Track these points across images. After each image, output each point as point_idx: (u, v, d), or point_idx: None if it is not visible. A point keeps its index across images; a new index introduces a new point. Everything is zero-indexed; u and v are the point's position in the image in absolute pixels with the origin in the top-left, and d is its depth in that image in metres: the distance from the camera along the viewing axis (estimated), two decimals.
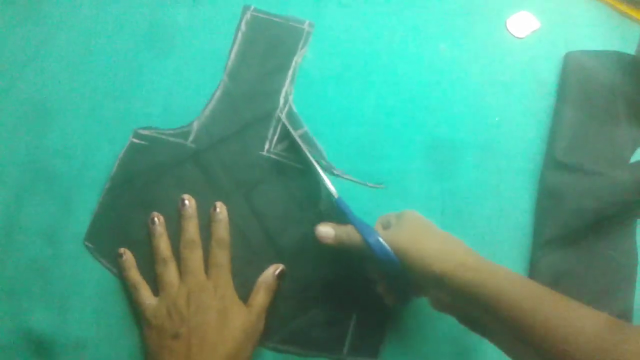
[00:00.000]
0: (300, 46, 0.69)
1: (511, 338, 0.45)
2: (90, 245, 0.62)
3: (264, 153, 0.66)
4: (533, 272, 0.63)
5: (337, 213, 0.58)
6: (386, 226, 0.55)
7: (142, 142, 0.65)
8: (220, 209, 0.62)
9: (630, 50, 0.70)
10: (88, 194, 0.63)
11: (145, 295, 0.59)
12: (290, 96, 0.68)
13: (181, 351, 0.54)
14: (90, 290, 0.61)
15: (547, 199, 0.65)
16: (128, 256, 0.61)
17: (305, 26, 0.70)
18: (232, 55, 0.69)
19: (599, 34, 0.72)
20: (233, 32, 0.70)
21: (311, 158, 0.62)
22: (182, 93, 0.68)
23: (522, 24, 0.72)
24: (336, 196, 0.59)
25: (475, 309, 0.47)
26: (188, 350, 0.54)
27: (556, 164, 0.65)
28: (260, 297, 0.59)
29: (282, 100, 0.67)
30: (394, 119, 0.68)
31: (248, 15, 0.70)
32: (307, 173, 0.65)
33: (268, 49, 0.69)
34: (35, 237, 0.62)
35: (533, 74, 0.70)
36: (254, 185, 0.65)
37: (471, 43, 0.71)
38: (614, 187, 0.63)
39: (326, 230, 0.56)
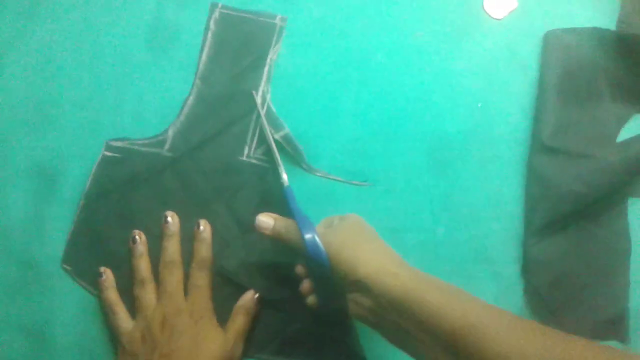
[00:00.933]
0: (273, 42, 0.67)
1: (436, 350, 0.44)
2: (68, 267, 0.60)
3: (244, 158, 0.63)
4: (526, 260, 0.62)
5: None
6: (327, 227, 0.54)
7: (115, 155, 0.62)
8: (204, 227, 0.60)
9: (611, 25, 0.68)
10: (62, 213, 0.61)
11: (122, 318, 0.57)
12: (268, 95, 0.65)
13: None
14: (71, 315, 0.59)
15: (536, 185, 0.63)
16: (108, 276, 0.59)
17: (277, 21, 0.67)
18: (203, 57, 0.66)
19: (579, 11, 0.70)
20: (202, 31, 0.67)
21: (273, 146, 0.62)
22: (152, 99, 0.65)
23: (500, 4, 0.70)
24: (286, 184, 0.59)
25: (397, 315, 0.46)
26: None
27: (543, 149, 0.63)
28: (238, 322, 0.58)
29: (259, 101, 0.64)
30: (375, 112, 0.66)
31: (216, 14, 0.67)
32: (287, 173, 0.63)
33: (240, 48, 0.66)
34: (10, 261, 0.60)
35: (513, 56, 0.68)
36: (235, 192, 0.62)
37: (448, 27, 0.69)
38: (603, 169, 0.62)
39: (265, 221, 0.55)
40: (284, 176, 0.60)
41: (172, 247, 0.60)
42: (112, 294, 0.59)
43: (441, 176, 0.64)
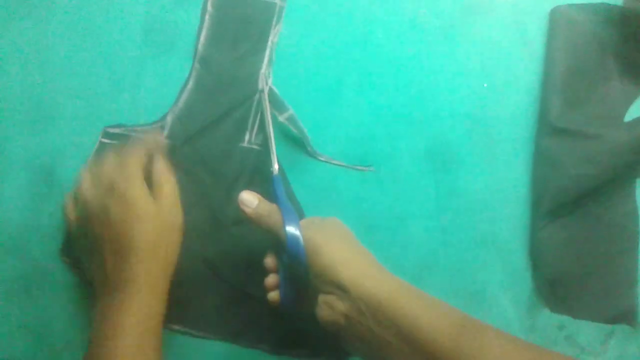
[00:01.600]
0: (274, 23, 0.64)
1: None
2: (67, 259, 0.58)
3: (245, 144, 0.62)
4: (534, 244, 0.61)
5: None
6: (310, 224, 0.53)
7: (113, 142, 0.61)
8: None
9: (618, 1, 0.66)
10: (59, 204, 0.59)
11: (68, 212, 0.55)
12: (270, 79, 0.63)
13: (99, 265, 0.50)
14: (71, 311, 0.58)
15: (544, 167, 0.62)
16: None
17: (277, 0, 0.65)
18: (202, 40, 0.63)
19: None
20: (199, 13, 0.64)
21: (271, 131, 0.60)
22: (149, 85, 0.63)
23: None
24: (275, 172, 0.58)
25: (374, 321, 0.45)
26: (103, 263, 0.50)
27: (551, 130, 0.62)
28: (166, 188, 0.53)
29: (261, 84, 0.62)
30: (378, 95, 0.64)
31: None
32: (289, 159, 0.62)
33: (239, 30, 0.64)
34: (8, 257, 0.58)
35: (519, 33, 0.67)
36: (236, 179, 0.61)
37: (452, 5, 0.67)
38: (612, 150, 0.61)
39: (249, 199, 0.53)
40: (275, 165, 0.59)
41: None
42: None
43: (447, 160, 0.63)
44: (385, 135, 0.63)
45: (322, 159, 0.62)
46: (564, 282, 0.60)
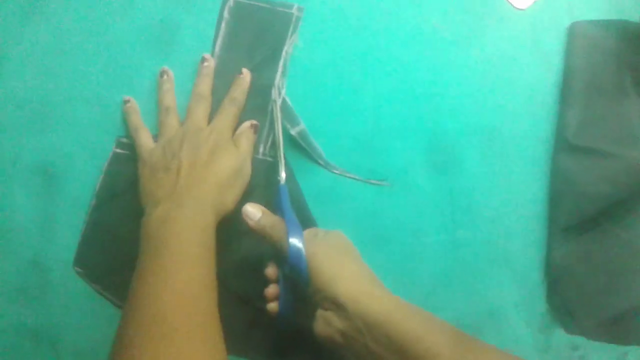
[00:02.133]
0: (289, 33, 0.63)
1: None
2: (80, 270, 0.58)
3: (259, 156, 0.61)
4: (549, 262, 0.61)
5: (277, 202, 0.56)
6: (312, 237, 0.53)
7: (126, 152, 0.60)
8: (245, 73, 0.62)
9: (637, 18, 0.66)
10: (72, 213, 0.59)
11: (144, 137, 0.59)
12: (283, 90, 0.62)
13: (169, 183, 0.54)
14: (82, 320, 0.57)
15: (560, 184, 0.62)
16: (132, 103, 0.62)
17: (294, 10, 0.64)
18: (217, 50, 0.63)
19: (605, 2, 0.67)
20: (214, 21, 0.64)
21: (280, 139, 0.60)
22: (150, 86, 0.63)
23: None
24: (282, 182, 0.58)
25: (371, 339, 0.45)
26: (175, 182, 0.53)
27: (568, 147, 0.62)
28: (244, 143, 0.59)
29: (274, 95, 0.62)
30: (394, 108, 0.63)
31: (231, 2, 0.64)
32: (305, 171, 0.61)
33: (255, 39, 0.63)
34: (20, 263, 0.58)
35: (537, 48, 0.66)
36: (251, 191, 0.60)
37: (470, 18, 0.66)
38: (628, 169, 0.60)
39: (253, 211, 0.53)
40: (282, 174, 0.58)
41: (204, 84, 0.62)
42: (136, 118, 0.61)
43: (462, 175, 0.62)
44: (401, 148, 0.63)
45: (337, 172, 0.61)
46: (578, 301, 0.60)
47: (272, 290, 0.54)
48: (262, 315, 0.55)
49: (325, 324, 0.48)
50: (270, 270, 0.54)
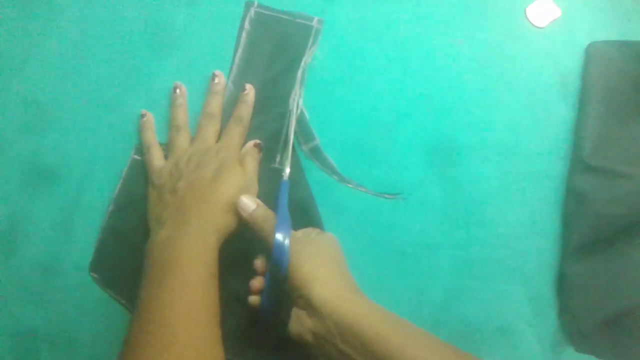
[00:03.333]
0: (309, 45, 0.64)
1: None
2: (95, 275, 0.58)
3: (276, 165, 0.61)
4: (562, 281, 0.61)
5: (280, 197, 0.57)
6: (304, 237, 0.54)
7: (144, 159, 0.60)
8: (249, 90, 0.62)
9: None
10: (89, 218, 0.59)
11: (155, 156, 0.60)
12: (300, 100, 0.63)
13: (174, 204, 0.54)
14: (99, 326, 0.57)
15: (574, 204, 0.62)
16: (149, 118, 0.62)
17: (314, 23, 0.64)
18: (237, 60, 0.63)
19: (623, 22, 0.67)
20: (235, 31, 0.64)
21: (291, 135, 0.61)
22: (152, 87, 0.64)
23: (543, 12, 0.68)
24: (285, 178, 0.59)
25: (341, 340, 0.46)
26: (180, 202, 0.54)
27: (583, 167, 0.62)
28: (250, 163, 0.59)
29: (291, 105, 0.62)
30: (411, 123, 0.64)
31: (252, 13, 0.65)
32: (321, 183, 0.62)
33: (274, 50, 0.64)
34: (36, 268, 0.58)
35: (555, 66, 0.66)
36: (267, 199, 0.60)
37: (489, 35, 0.67)
38: None
39: (248, 203, 0.55)
40: (287, 170, 0.60)
41: (215, 102, 0.62)
42: (150, 135, 0.62)
43: (477, 191, 0.63)
44: (416, 162, 0.63)
45: (351, 185, 0.62)
46: (590, 320, 0.60)
47: (257, 282, 0.55)
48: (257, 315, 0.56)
49: (299, 322, 0.49)
50: (259, 263, 0.55)
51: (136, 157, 0.61)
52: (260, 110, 0.62)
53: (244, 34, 0.64)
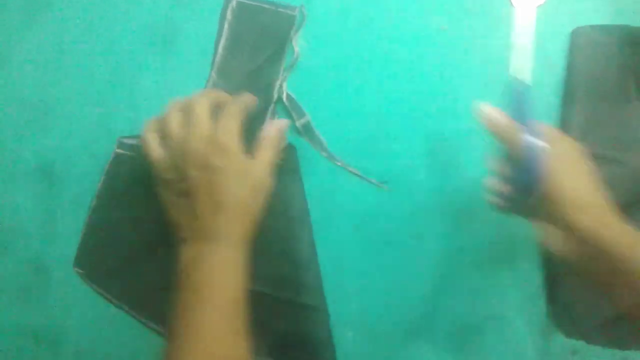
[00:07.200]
0: (292, 34, 0.63)
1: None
2: (80, 271, 0.58)
3: None
4: (550, 264, 0.61)
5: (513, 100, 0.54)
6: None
7: (128, 153, 0.60)
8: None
9: None
10: (73, 213, 0.59)
11: (152, 147, 0.54)
12: (285, 83, 0.62)
13: (188, 209, 0.52)
14: (83, 320, 0.57)
15: None
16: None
17: (297, 12, 0.64)
18: (220, 49, 0.63)
19: (608, 6, 0.67)
20: (216, 22, 0.64)
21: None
22: (166, 94, 0.61)
23: None
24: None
25: (607, 269, 0.46)
26: (194, 211, 0.52)
27: None
28: (266, 153, 0.56)
29: (276, 94, 0.62)
30: (397, 110, 0.63)
31: (233, 3, 0.64)
32: (308, 173, 0.61)
33: (258, 40, 0.63)
34: (20, 264, 0.58)
35: (540, 52, 0.65)
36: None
37: (473, 20, 0.66)
38: (632, 175, 0.61)
39: (495, 115, 0.53)
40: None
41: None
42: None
43: (464, 180, 0.62)
44: (403, 150, 0.63)
45: (339, 163, 0.61)
46: (578, 306, 0.60)
47: (495, 183, 0.54)
48: (265, 314, 0.55)
49: (556, 241, 0.49)
50: (496, 163, 0.54)
51: (119, 151, 0.60)
52: None
53: (226, 25, 0.63)
